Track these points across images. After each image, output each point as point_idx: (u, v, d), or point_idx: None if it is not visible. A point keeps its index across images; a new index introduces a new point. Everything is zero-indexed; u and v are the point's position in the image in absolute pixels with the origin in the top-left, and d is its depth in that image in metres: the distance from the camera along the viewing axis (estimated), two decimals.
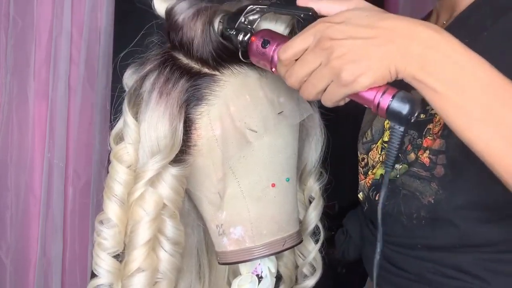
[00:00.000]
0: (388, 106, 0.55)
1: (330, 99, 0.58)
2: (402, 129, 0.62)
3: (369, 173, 0.81)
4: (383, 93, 0.55)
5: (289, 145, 0.72)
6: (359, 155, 0.85)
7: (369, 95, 0.56)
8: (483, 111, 0.52)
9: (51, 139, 1.38)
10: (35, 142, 1.39)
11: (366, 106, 0.58)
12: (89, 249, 1.44)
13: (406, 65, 0.53)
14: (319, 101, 0.80)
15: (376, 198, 0.78)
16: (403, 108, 0.55)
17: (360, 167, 0.84)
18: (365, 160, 0.83)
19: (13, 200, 1.38)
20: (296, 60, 0.58)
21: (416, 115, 0.56)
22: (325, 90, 0.57)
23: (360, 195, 0.83)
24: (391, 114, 0.56)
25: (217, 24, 0.66)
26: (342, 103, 0.60)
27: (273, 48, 0.60)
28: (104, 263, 0.68)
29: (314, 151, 0.81)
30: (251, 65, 0.68)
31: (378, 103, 0.55)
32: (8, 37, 1.34)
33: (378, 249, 0.74)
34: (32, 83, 1.37)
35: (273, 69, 0.62)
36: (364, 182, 0.82)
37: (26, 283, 1.40)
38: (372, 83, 0.55)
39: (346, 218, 0.90)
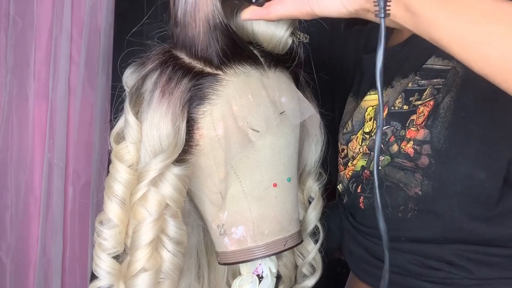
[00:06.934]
0: None
1: None
2: None
3: (349, 164, 0.81)
4: None
5: (291, 145, 0.72)
6: (339, 145, 0.85)
7: None
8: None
9: (51, 139, 1.38)
10: (35, 142, 1.38)
11: None
12: (89, 249, 1.44)
13: None
14: (319, 101, 0.80)
15: (358, 191, 0.78)
16: None
17: (340, 158, 0.84)
18: (345, 151, 0.83)
19: (13, 200, 1.37)
20: None
21: None
22: None
23: (340, 187, 0.83)
24: None
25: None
26: None
27: None
28: (104, 264, 0.68)
29: (314, 151, 0.81)
30: (253, 64, 0.69)
31: None
32: (8, 37, 1.34)
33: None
34: (32, 83, 1.36)
35: None
36: (344, 173, 0.82)
37: (26, 283, 1.40)
38: None
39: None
